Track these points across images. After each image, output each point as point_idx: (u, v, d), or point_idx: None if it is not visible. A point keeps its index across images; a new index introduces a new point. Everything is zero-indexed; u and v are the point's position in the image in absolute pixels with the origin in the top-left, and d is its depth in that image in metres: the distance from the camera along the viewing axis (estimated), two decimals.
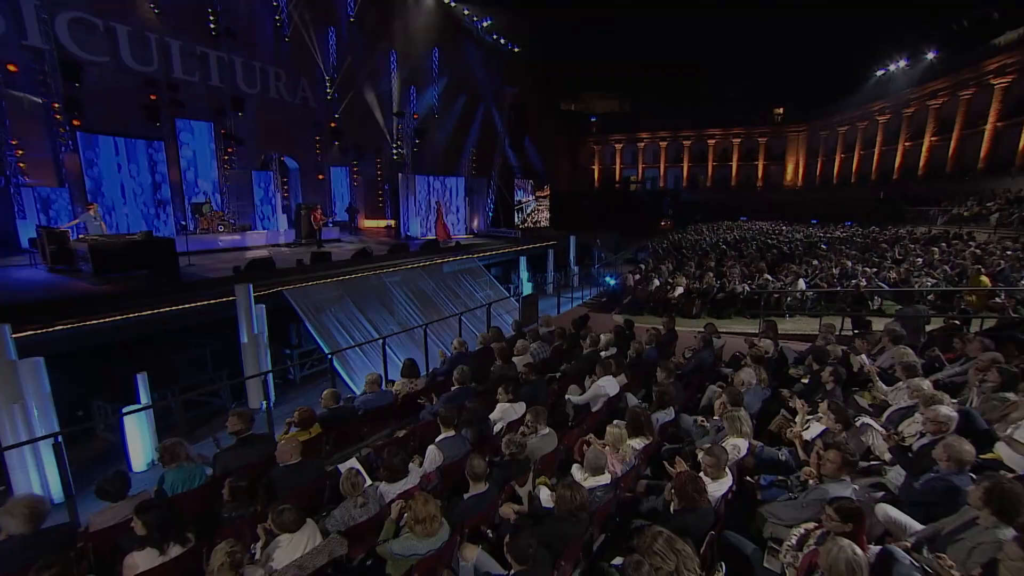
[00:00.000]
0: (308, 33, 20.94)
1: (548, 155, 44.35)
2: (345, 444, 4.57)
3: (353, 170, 22.30)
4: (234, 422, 3.90)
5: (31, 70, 13.99)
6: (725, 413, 3.60)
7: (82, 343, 6.48)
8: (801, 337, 9.21)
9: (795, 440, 3.65)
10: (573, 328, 7.54)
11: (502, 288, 15.47)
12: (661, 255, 21.60)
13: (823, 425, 3.72)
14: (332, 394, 4.67)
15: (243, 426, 3.94)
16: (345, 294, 10.03)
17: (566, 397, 5.33)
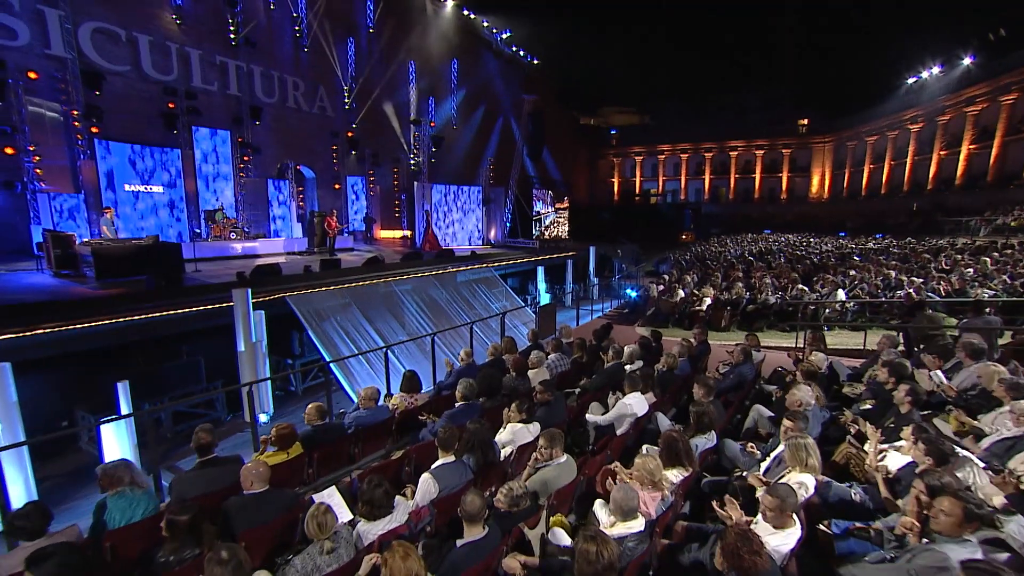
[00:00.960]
0: (327, 43, 20.98)
1: (567, 168, 43.95)
2: (332, 467, 4.00)
3: (370, 180, 22.11)
4: (200, 437, 3.35)
5: (53, 78, 14.10)
6: (788, 439, 2.91)
7: (66, 348, 6.09)
8: (844, 352, 8.40)
9: (873, 474, 2.95)
10: (594, 339, 6.88)
11: (518, 299, 14.87)
12: (684, 267, 20.81)
13: (906, 457, 3.01)
14: (317, 409, 4.10)
15: (208, 442, 3.40)
16: (352, 302, 9.56)
17: (586, 416, 4.68)
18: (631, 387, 4.56)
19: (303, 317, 8.42)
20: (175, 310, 6.98)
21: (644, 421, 4.52)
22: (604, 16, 52.01)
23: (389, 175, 23.55)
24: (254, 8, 18.68)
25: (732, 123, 52.92)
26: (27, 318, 5.77)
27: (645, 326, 12.59)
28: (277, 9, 19.43)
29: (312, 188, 21.14)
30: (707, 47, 55.45)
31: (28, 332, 5.62)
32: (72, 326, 5.89)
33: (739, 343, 6.08)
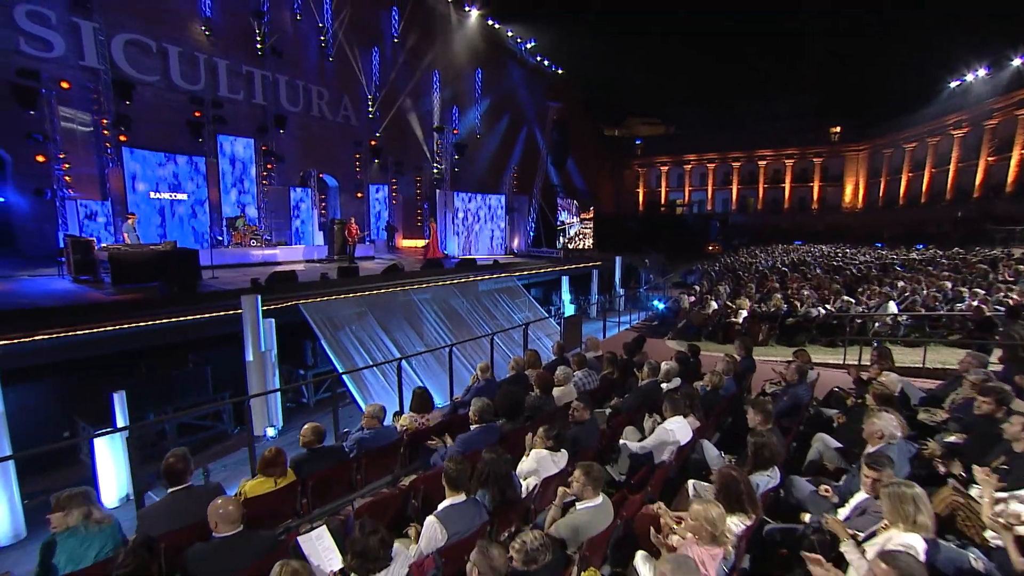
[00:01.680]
0: (352, 53, 21.05)
1: (592, 177, 43.45)
2: (330, 495, 3.52)
3: (392, 188, 21.99)
4: (169, 463, 2.86)
5: (85, 89, 14.34)
6: (888, 487, 2.29)
7: (68, 355, 5.84)
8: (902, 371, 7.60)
9: (996, 532, 2.33)
10: (625, 353, 6.30)
11: (542, 309, 14.34)
12: (715, 278, 19.98)
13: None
14: (314, 430, 3.63)
15: (180, 469, 2.86)
16: (368, 310, 9.18)
17: (620, 442, 4.11)
18: (672, 410, 3.98)
19: (316, 326, 8.07)
20: (182, 317, 6.69)
21: (688, 450, 3.93)
22: (629, 26, 51.59)
23: (412, 184, 23.42)
24: (281, 19, 18.88)
25: (761, 132, 51.75)
26: (28, 323, 5.54)
27: (676, 339, 11.89)
28: (303, 19, 19.60)
29: (335, 196, 21.13)
30: (735, 55, 54.42)
31: (28, 338, 5.38)
32: (70, 332, 5.64)
33: (790, 360, 5.42)
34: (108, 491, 5.15)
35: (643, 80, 53.25)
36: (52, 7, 13.96)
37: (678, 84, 55.18)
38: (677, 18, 51.02)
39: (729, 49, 53.32)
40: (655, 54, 53.90)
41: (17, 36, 13.53)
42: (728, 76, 54.33)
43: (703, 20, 50.14)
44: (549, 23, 33.31)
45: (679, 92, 55.92)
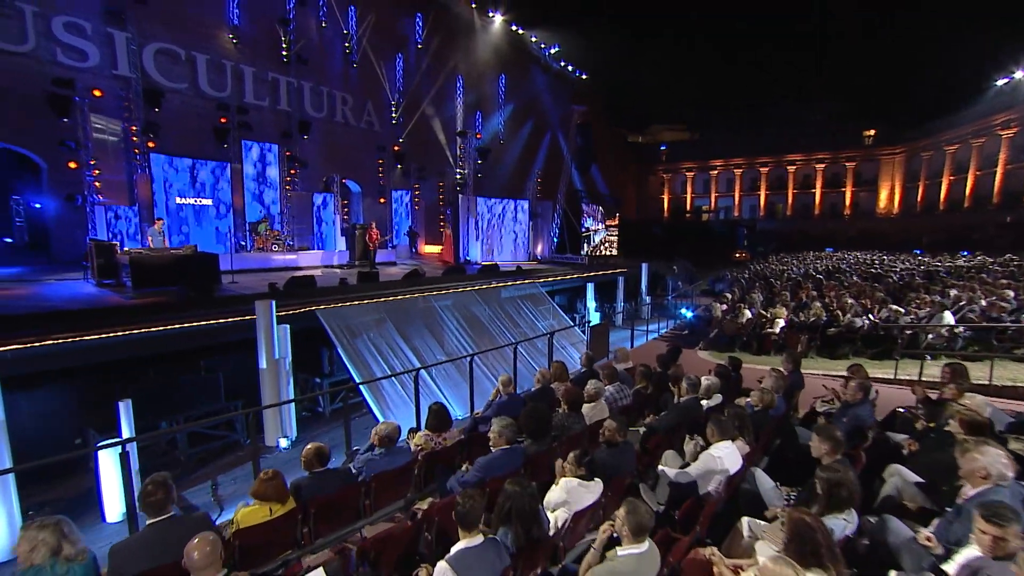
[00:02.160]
0: (376, 59, 21.09)
1: (616, 183, 42.86)
2: (335, 522, 3.16)
3: (415, 194, 21.89)
4: (148, 491, 2.51)
5: (118, 97, 14.57)
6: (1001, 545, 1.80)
7: (79, 360, 5.68)
8: None
9: None
10: (659, 366, 5.81)
11: (566, 317, 13.89)
12: (745, 285, 19.20)
13: None
14: (317, 452, 3.26)
15: (160, 497, 2.51)
16: (387, 317, 8.89)
17: (659, 468, 3.65)
18: (720, 433, 3.51)
19: (333, 332, 7.81)
20: (195, 322, 6.49)
21: (737, 480, 3.45)
22: (656, 31, 51.08)
23: (434, 189, 23.29)
24: (306, 26, 19.01)
25: (790, 137, 50.44)
26: (38, 327, 5.39)
27: (709, 350, 11.30)
28: (328, 26, 19.71)
29: (358, 202, 21.13)
30: (764, 59, 53.34)
31: (37, 343, 5.23)
32: (80, 337, 5.47)
33: (843, 375, 4.87)
34: (112, 505, 4.91)
35: (668, 86, 52.60)
36: (88, 18, 14.27)
37: (704, 89, 54.41)
38: (705, 23, 50.37)
39: (758, 53, 52.31)
40: (681, 59, 53.25)
41: (55, 47, 13.86)
42: (757, 80, 53.29)
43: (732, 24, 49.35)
44: (573, 28, 33.11)
45: (706, 97, 55.12)
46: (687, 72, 54.09)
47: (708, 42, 51.45)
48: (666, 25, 49.84)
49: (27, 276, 11.44)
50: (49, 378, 5.68)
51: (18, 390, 5.71)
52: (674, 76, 55.16)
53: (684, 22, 48.85)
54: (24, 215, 17.11)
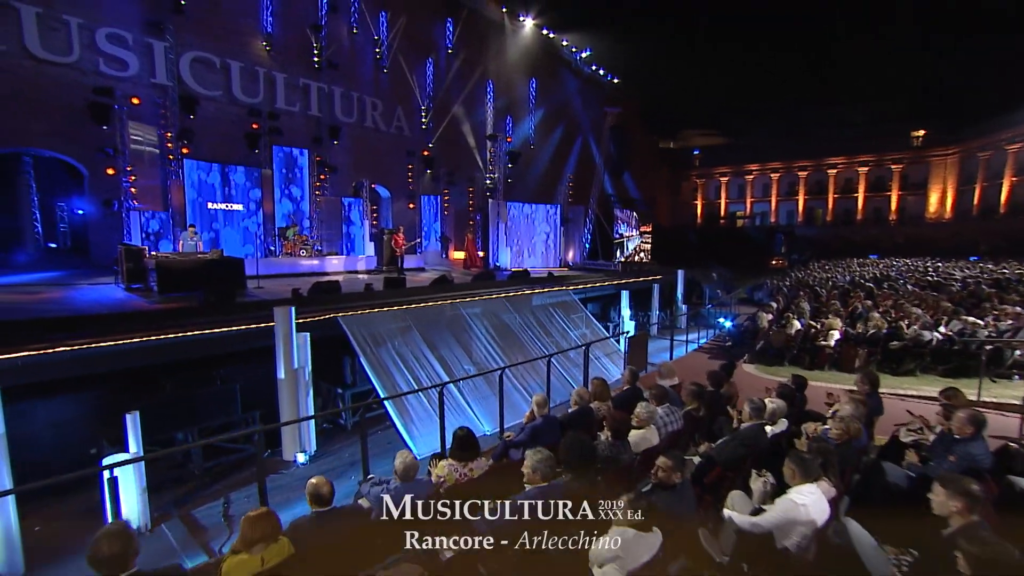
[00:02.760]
0: (406, 64, 21.03)
1: (648, 188, 41.92)
2: (342, 570, 2.70)
3: (444, 199, 21.66)
4: (100, 548, 2.06)
5: (155, 104, 14.80)
6: None
7: (92, 368, 5.45)
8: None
9: None
10: (711, 384, 5.18)
11: (600, 326, 13.27)
12: (788, 294, 18.14)
13: None
14: (316, 489, 2.77)
15: (112, 554, 2.07)
16: (412, 325, 8.49)
17: (725, 514, 3.06)
18: (803, 474, 2.89)
19: (355, 341, 7.45)
20: (208, 330, 6.22)
21: (825, 532, 2.82)
22: (689, 32, 49.96)
23: (464, 195, 23.03)
24: (338, 32, 19.07)
25: (831, 139, 48.52)
26: (49, 334, 5.19)
27: (755, 363, 10.49)
28: (359, 32, 19.73)
29: (387, 207, 21.03)
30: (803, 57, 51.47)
31: (48, 350, 5.02)
32: (91, 345, 5.24)
33: (944, 401, 4.14)
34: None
35: (701, 90, 51.29)
36: (129, 29, 14.59)
37: (739, 92, 52.83)
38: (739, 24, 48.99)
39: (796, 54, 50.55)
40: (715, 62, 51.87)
41: (97, 57, 14.20)
42: (795, 82, 51.44)
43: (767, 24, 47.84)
44: (605, 32, 32.56)
45: (740, 101, 53.53)
46: (721, 75, 52.64)
47: (743, 44, 49.93)
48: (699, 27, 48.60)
49: (63, 280, 11.59)
50: (65, 386, 5.47)
51: (34, 398, 5.52)
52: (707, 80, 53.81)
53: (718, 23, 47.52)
54: (68, 221, 17.69)
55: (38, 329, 5.25)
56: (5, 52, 13.17)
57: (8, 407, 4.64)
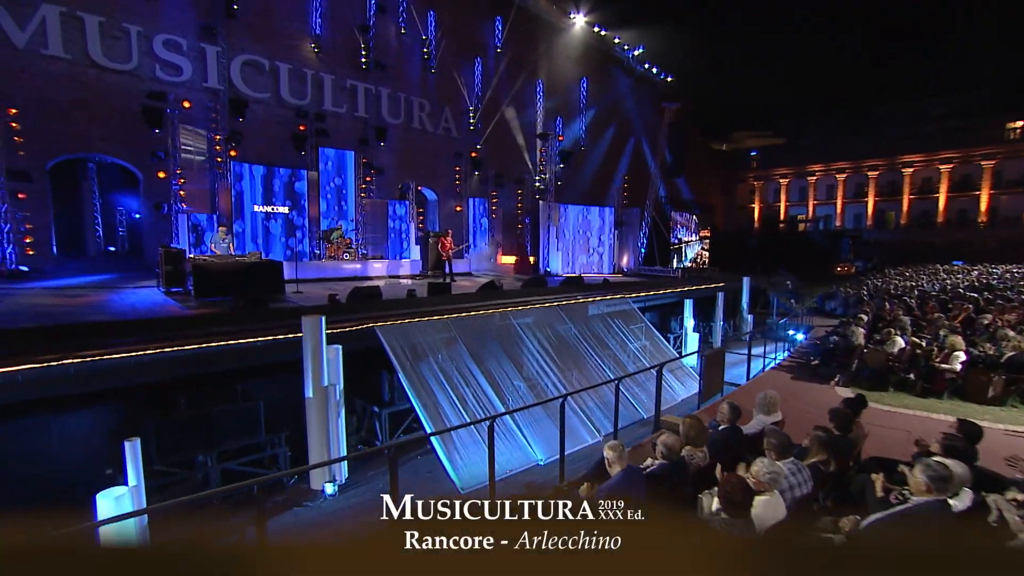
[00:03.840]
0: (454, 64, 20.50)
1: (702, 191, 39.87)
2: None
3: (492, 202, 20.92)
4: None
5: (206, 108, 14.82)
6: None
7: (107, 383, 4.90)
8: None
9: None
10: (837, 426, 3.98)
11: (662, 339, 12.03)
12: (877, 305, 16.12)
13: None
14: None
15: None
16: (458, 336, 7.64)
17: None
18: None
19: (394, 354, 6.64)
20: (235, 340, 5.57)
21: None
22: (748, 26, 47.39)
23: (513, 197, 22.23)
24: (386, 32, 18.75)
25: (906, 136, 44.62)
26: (58, 344, 4.67)
27: (849, 386, 8.98)
28: (407, 32, 19.35)
29: (433, 210, 20.50)
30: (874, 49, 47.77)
31: (56, 362, 4.48)
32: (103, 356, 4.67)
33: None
34: None
35: (759, 87, 48.55)
36: (185, 35, 14.74)
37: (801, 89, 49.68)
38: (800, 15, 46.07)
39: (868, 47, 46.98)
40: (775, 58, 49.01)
41: (154, 64, 14.41)
42: (864, 77, 47.85)
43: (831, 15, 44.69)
44: (659, 28, 31.09)
45: (802, 98, 50.33)
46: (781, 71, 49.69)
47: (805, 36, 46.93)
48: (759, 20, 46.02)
49: (111, 283, 11.56)
50: (74, 401, 4.95)
51: (45, 413, 5.01)
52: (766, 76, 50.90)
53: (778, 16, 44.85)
54: (126, 224, 18.15)
55: (40, 338, 4.75)
56: (72, 61, 13.56)
57: (14, 422, 4.11)
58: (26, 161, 12.92)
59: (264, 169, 14.86)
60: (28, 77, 13.12)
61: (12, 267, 12.31)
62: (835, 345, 10.18)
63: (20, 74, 13.03)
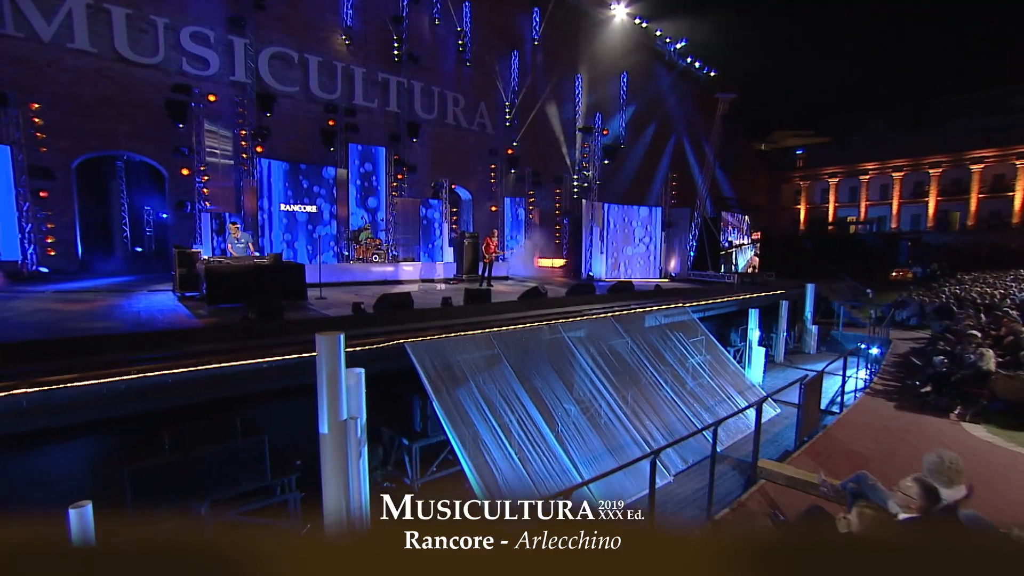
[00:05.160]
0: (490, 57, 19.43)
1: (743, 191, 37.70)
2: None
3: (529, 201, 19.70)
4: None
5: (233, 103, 14.16)
6: None
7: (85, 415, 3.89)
8: None
9: None
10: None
11: (725, 352, 10.53)
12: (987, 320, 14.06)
13: None
14: None
15: None
16: (501, 353, 6.42)
17: None
18: None
19: (427, 376, 5.45)
20: (237, 361, 4.47)
21: None
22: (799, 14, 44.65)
23: (550, 197, 20.96)
24: (419, 24, 17.83)
25: (975, 129, 41.24)
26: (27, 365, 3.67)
27: (978, 422, 7.34)
28: (441, 24, 18.39)
29: (467, 210, 19.44)
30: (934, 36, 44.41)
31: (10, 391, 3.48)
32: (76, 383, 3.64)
33: None
34: None
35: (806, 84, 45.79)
36: (213, 26, 14.19)
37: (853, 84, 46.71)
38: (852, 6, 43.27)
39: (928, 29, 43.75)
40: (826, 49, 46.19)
41: (181, 57, 13.90)
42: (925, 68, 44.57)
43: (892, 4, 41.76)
44: (702, 19, 29.38)
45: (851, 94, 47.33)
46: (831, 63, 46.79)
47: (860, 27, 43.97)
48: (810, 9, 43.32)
49: (129, 286, 10.85)
50: (28, 441, 3.95)
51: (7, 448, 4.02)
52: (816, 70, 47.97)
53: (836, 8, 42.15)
54: (153, 224, 17.75)
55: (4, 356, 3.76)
56: (98, 55, 13.14)
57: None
58: (50, 159, 12.45)
59: (290, 166, 14.08)
60: (54, 72, 12.69)
61: (32, 269, 11.81)
62: (946, 368, 8.49)
63: (46, 69, 12.61)
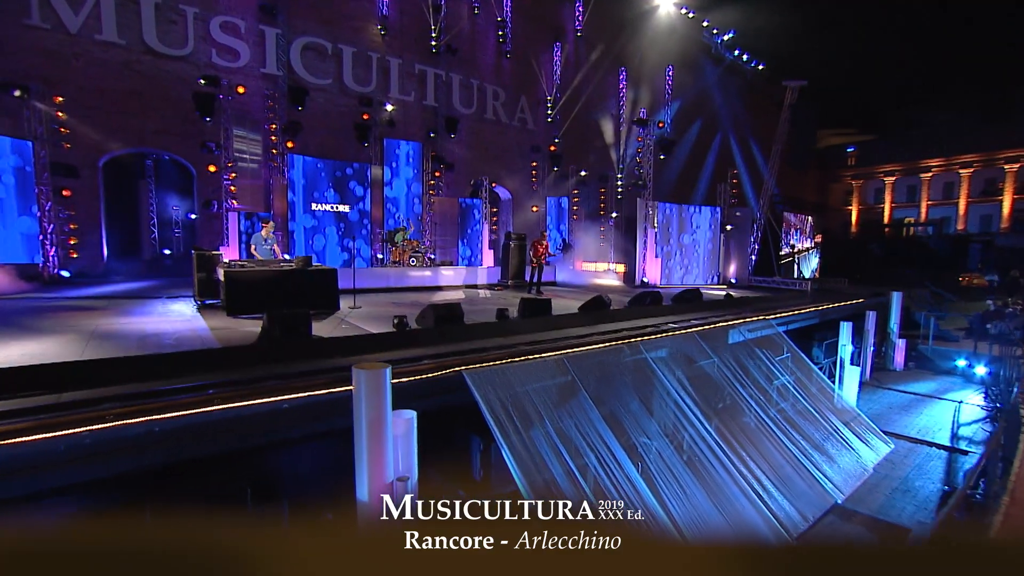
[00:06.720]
0: (531, 49, 18.22)
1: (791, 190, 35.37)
2: None
3: (573, 201, 18.36)
4: None
5: (263, 96, 13.37)
6: None
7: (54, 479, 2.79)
8: None
9: None
10: None
11: (817, 370, 8.95)
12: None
13: None
14: None
15: None
16: (577, 380, 5.11)
17: None
18: None
19: (491, 413, 4.17)
20: (244, 401, 3.27)
21: None
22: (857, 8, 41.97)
23: (595, 196, 19.55)
24: (458, 13, 16.75)
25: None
26: None
27: None
28: (481, 13, 17.28)
29: (507, 210, 18.21)
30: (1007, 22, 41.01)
31: None
32: None
33: None
34: None
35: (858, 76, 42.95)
36: (244, 16, 13.47)
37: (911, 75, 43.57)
38: None
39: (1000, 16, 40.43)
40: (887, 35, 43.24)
41: (211, 48, 13.22)
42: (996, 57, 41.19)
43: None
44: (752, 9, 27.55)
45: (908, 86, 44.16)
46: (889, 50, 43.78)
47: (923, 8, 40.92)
48: None
49: (151, 291, 9.97)
50: None
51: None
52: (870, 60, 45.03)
53: None
54: (181, 226, 17.13)
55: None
56: (127, 47, 12.52)
57: None
58: (75, 156, 11.79)
59: (322, 163, 13.15)
60: (81, 65, 12.09)
61: (53, 272, 11.15)
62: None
63: (72, 61, 12.01)
